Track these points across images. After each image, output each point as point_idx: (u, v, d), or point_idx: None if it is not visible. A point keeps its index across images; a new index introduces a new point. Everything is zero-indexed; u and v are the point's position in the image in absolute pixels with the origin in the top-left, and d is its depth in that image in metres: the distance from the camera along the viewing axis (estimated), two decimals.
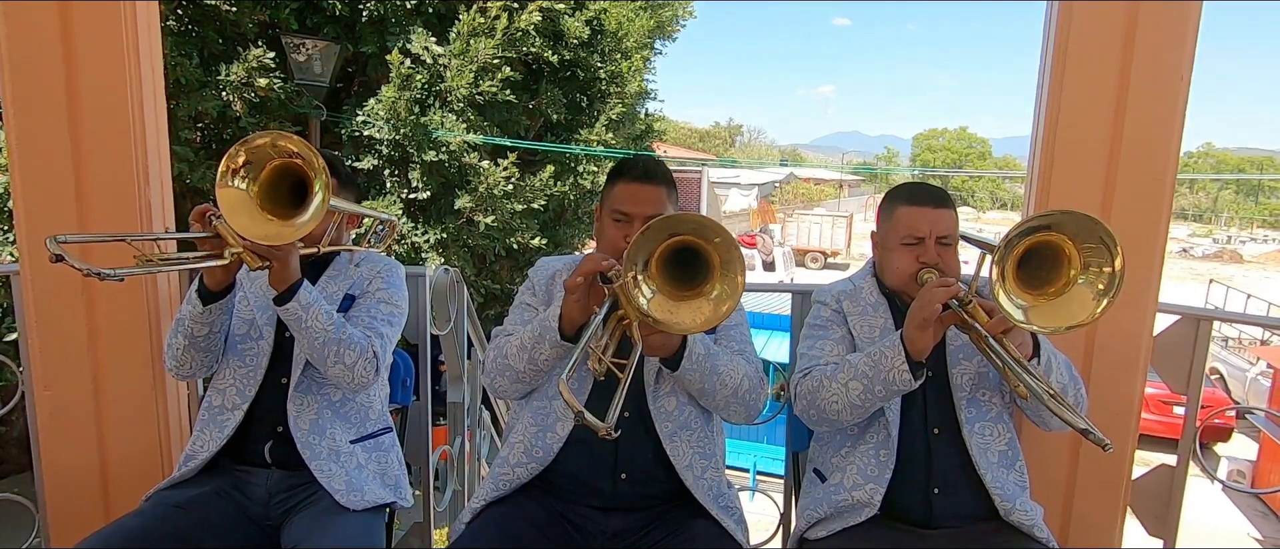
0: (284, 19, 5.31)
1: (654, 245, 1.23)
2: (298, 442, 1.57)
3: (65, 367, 1.77)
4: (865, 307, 1.59)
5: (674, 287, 1.25)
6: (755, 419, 1.57)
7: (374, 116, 5.60)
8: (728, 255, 1.22)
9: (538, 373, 1.44)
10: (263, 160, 1.35)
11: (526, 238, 6.21)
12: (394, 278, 1.76)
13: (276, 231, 1.36)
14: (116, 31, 1.70)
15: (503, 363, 1.46)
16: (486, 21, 5.58)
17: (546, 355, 1.40)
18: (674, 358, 1.38)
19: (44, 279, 1.72)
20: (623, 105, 6.89)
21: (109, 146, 1.72)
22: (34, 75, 1.67)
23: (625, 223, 1.52)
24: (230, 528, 1.54)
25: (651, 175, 1.55)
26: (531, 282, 1.65)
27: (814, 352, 1.58)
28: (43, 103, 1.68)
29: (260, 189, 1.37)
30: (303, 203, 1.38)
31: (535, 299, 1.62)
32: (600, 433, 1.09)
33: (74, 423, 1.79)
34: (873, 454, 1.50)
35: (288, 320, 1.50)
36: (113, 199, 1.74)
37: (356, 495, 1.56)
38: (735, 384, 1.46)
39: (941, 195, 1.56)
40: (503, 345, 1.47)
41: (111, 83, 1.71)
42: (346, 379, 1.55)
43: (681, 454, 1.50)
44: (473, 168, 5.72)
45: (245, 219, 1.35)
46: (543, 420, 1.51)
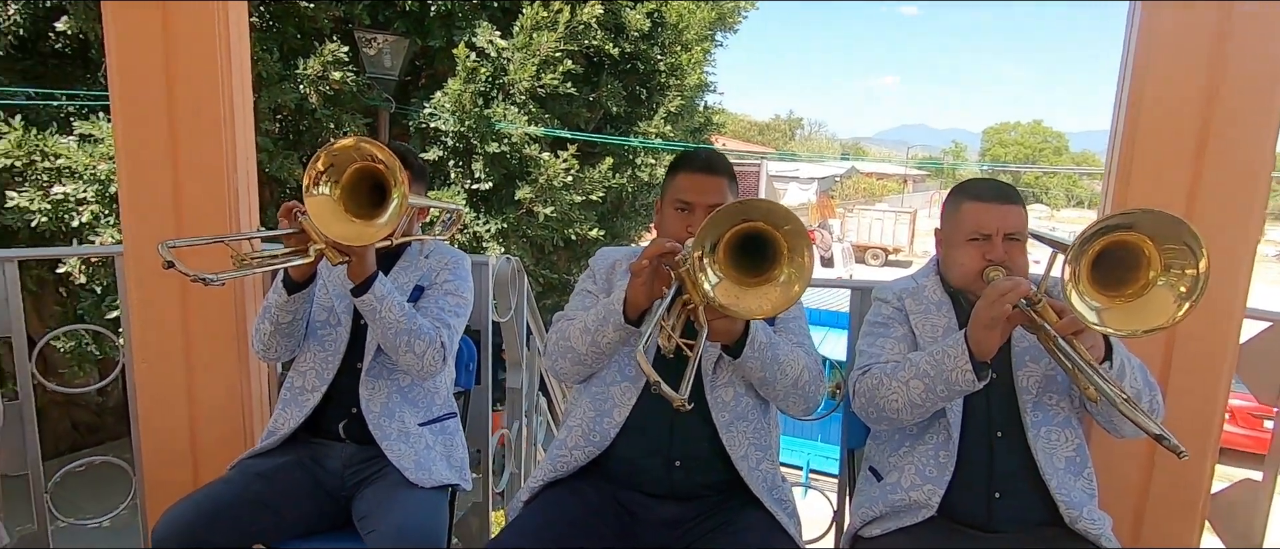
0: (358, 14, 5.52)
1: (722, 231, 1.24)
2: (370, 423, 1.66)
3: (161, 343, 1.90)
4: (927, 305, 1.56)
5: (740, 272, 1.27)
6: (814, 412, 1.57)
7: (440, 109, 5.77)
8: (796, 242, 1.23)
9: (599, 356, 1.48)
10: (344, 163, 1.44)
11: (584, 229, 6.29)
12: (461, 269, 1.83)
13: (357, 232, 1.45)
14: (210, 31, 1.82)
15: (565, 345, 1.50)
16: (549, 15, 5.66)
17: (609, 338, 1.43)
18: (736, 345, 1.40)
19: (144, 262, 1.86)
20: (682, 98, 6.88)
21: (203, 139, 1.84)
22: (138, 72, 1.80)
23: (687, 212, 1.54)
24: (307, 496, 1.64)
25: (713, 166, 1.57)
26: (592, 270, 1.69)
27: (873, 349, 1.56)
28: (145, 98, 1.81)
29: (342, 191, 1.45)
30: (381, 204, 1.46)
31: (595, 286, 1.66)
32: (675, 404, 1.12)
33: (168, 395, 1.93)
34: (932, 455, 1.48)
35: (363, 311, 1.59)
36: (205, 187, 1.87)
37: (425, 474, 1.63)
38: (795, 374, 1.47)
39: (1009, 191, 1.52)
40: (565, 329, 1.52)
41: (206, 79, 1.83)
42: (416, 368, 1.63)
43: (737, 445, 1.51)
44: (533, 159, 5.83)
45: (329, 220, 1.44)
46: (600, 405, 1.55)
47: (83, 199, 4.62)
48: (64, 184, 4.59)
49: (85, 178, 4.57)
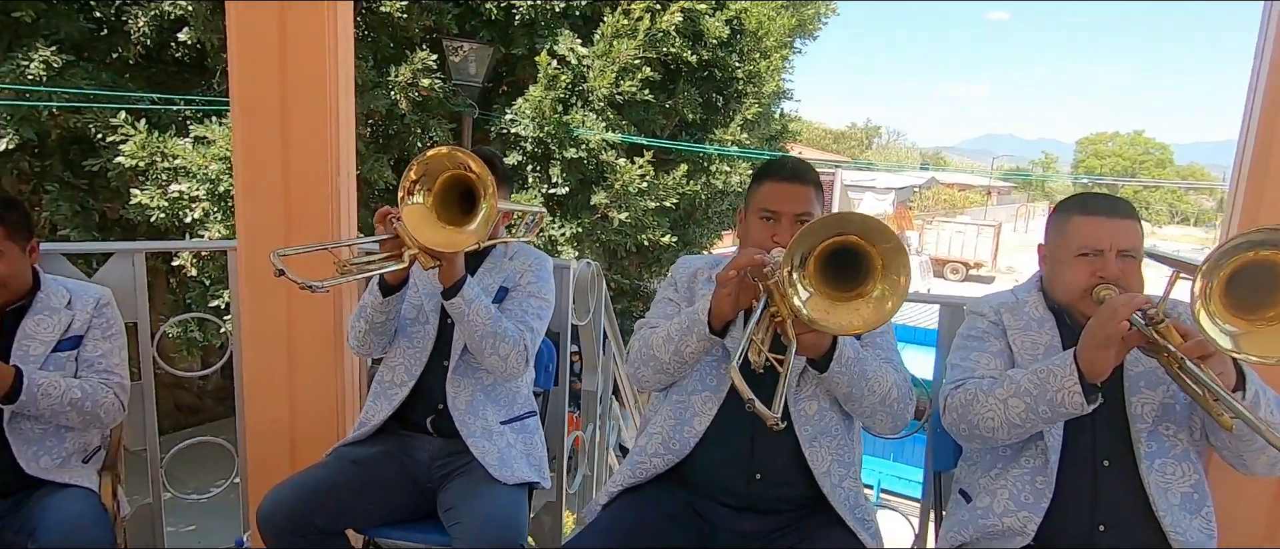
0: (446, 23, 5.74)
1: (813, 244, 1.22)
2: (455, 419, 1.72)
3: (267, 335, 2.02)
4: (1028, 322, 1.49)
5: (831, 286, 1.24)
6: (902, 430, 1.52)
7: (521, 115, 5.92)
8: (893, 259, 1.19)
9: (682, 365, 1.48)
10: (437, 171, 1.50)
11: (657, 235, 6.32)
12: (543, 272, 1.88)
13: (448, 239, 1.50)
14: (321, 33, 1.92)
15: (647, 353, 1.50)
16: (630, 23, 5.72)
17: (693, 348, 1.43)
18: (822, 359, 1.37)
19: (255, 257, 1.98)
20: (759, 105, 6.82)
21: (311, 139, 1.95)
22: (256, 71, 1.90)
23: (772, 222, 1.52)
24: (396, 486, 1.72)
25: (800, 175, 1.55)
26: (673, 279, 1.69)
27: (967, 363, 1.50)
28: (261, 97, 1.91)
29: (434, 199, 1.51)
30: (471, 210, 1.52)
31: (677, 295, 1.66)
32: (769, 423, 1.11)
33: (271, 383, 2.05)
34: (1027, 480, 1.40)
35: (452, 313, 1.65)
36: (311, 186, 1.98)
37: (507, 471, 1.67)
38: (884, 391, 1.43)
39: (1124, 205, 1.43)
40: (648, 337, 1.52)
41: (315, 79, 1.93)
42: (500, 369, 1.68)
43: (820, 460, 1.48)
44: (609, 165, 5.90)
45: (422, 226, 1.50)
46: (681, 414, 1.55)
47: (196, 197, 4.98)
48: (180, 183, 4.96)
49: (198, 177, 4.93)
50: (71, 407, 1.67)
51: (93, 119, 5.01)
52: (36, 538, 1.54)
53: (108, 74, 5.19)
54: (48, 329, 1.73)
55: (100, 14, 5.19)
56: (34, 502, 1.66)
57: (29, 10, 4.72)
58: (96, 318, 1.81)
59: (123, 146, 4.87)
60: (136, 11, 4.97)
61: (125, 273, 2.09)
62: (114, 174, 5.22)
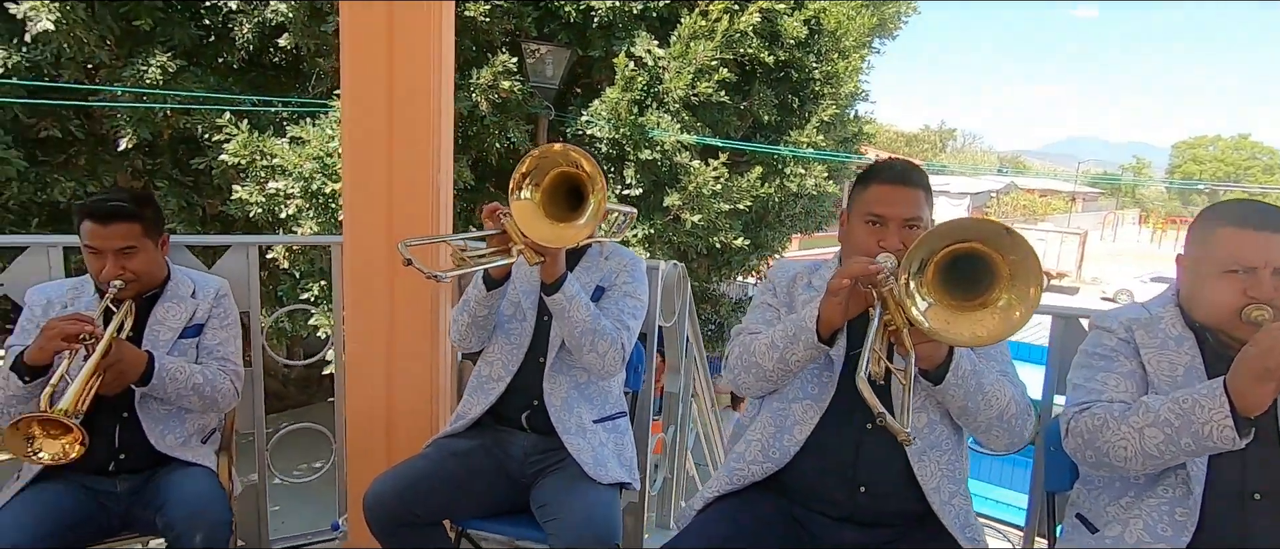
0: (526, 27, 5.85)
1: (933, 250, 1.17)
2: (552, 415, 1.74)
3: (370, 328, 2.09)
4: (1165, 340, 1.38)
5: (951, 295, 1.19)
6: (1018, 448, 1.44)
7: (597, 116, 5.98)
8: (1022, 269, 1.13)
9: (786, 373, 1.44)
10: (547, 167, 1.52)
11: (730, 238, 6.26)
12: (638, 272, 1.88)
13: (556, 234, 1.52)
14: (427, 31, 1.96)
15: (749, 360, 1.48)
16: (707, 24, 5.70)
17: (800, 357, 1.39)
18: (937, 370, 1.31)
19: (361, 253, 2.05)
20: (836, 107, 6.66)
21: (415, 136, 2.00)
22: (365, 69, 1.95)
23: (879, 226, 1.47)
24: (492, 480, 1.75)
25: (908, 178, 1.49)
26: (771, 283, 1.66)
27: (1093, 384, 1.41)
28: (370, 94, 1.96)
29: (542, 195, 1.53)
30: (577, 207, 1.53)
31: (775, 300, 1.62)
32: (901, 438, 1.07)
33: (371, 375, 2.12)
34: (1166, 511, 1.30)
35: (553, 309, 1.67)
36: (413, 184, 2.03)
37: (602, 470, 1.68)
38: (1001, 406, 1.36)
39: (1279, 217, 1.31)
40: (749, 343, 1.49)
41: (420, 77, 1.98)
42: (597, 366, 1.69)
43: (930, 475, 1.42)
44: (684, 167, 5.89)
45: (531, 221, 1.52)
46: (781, 421, 1.51)
47: (290, 194, 5.24)
48: (277, 180, 5.23)
49: (293, 175, 5.19)
50: (193, 391, 1.77)
51: (200, 120, 5.34)
52: (165, 513, 1.65)
53: (214, 77, 5.53)
54: (175, 317, 1.84)
55: (209, 21, 5.53)
56: (160, 478, 1.76)
57: (147, 19, 5.07)
58: (216, 307, 1.91)
59: (226, 146, 5.17)
60: (241, 19, 5.27)
61: (240, 265, 2.21)
62: (217, 172, 5.56)
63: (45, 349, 1.54)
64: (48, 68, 5.10)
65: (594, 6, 5.73)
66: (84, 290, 1.80)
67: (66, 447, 1.46)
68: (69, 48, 4.88)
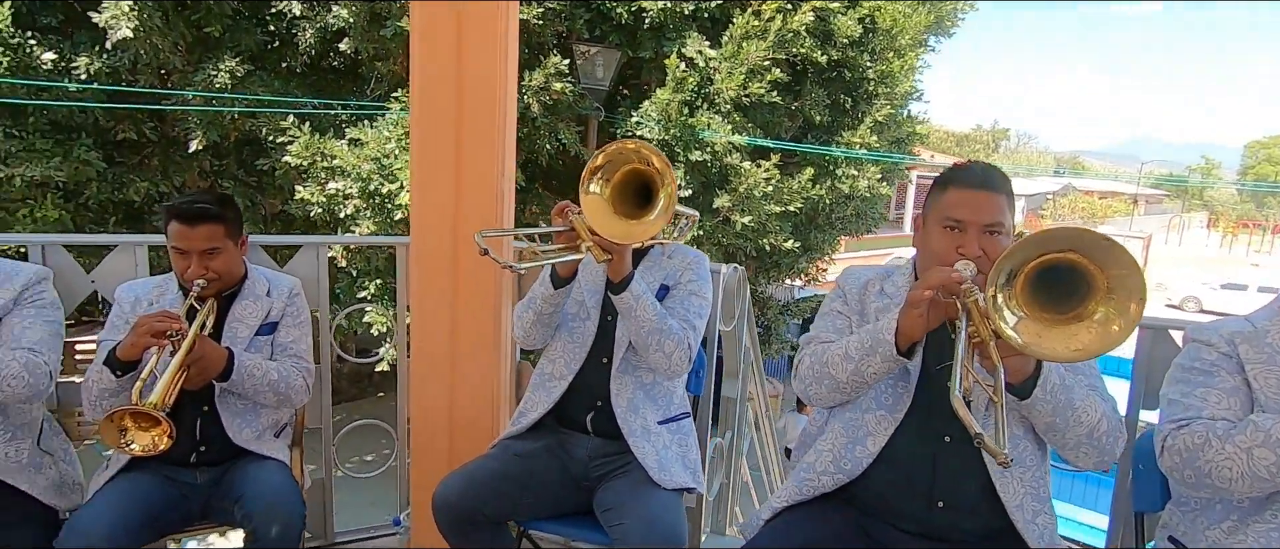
0: (577, 29, 5.89)
1: (1024, 260, 1.12)
2: (618, 417, 1.74)
3: (433, 327, 2.13)
4: (1271, 354, 1.30)
5: (1042, 308, 1.14)
6: (1108, 466, 1.38)
7: (646, 117, 5.97)
8: (1121, 283, 1.07)
9: (861, 385, 1.41)
10: (619, 163, 1.51)
11: (779, 239, 6.19)
12: (703, 271, 1.86)
13: (626, 231, 1.52)
14: (494, 32, 1.98)
15: (821, 370, 1.44)
16: (760, 24, 5.64)
17: (876, 369, 1.36)
18: (1024, 385, 1.26)
19: (427, 253, 2.08)
20: (891, 107, 6.52)
21: (481, 137, 2.02)
22: (435, 70, 1.97)
23: (957, 232, 1.42)
24: (556, 481, 1.75)
25: (990, 182, 1.43)
26: (841, 291, 1.62)
27: (1191, 399, 1.33)
28: (439, 95, 1.98)
29: (613, 191, 1.53)
30: (647, 205, 1.52)
31: (846, 308, 1.58)
32: (1000, 460, 1.03)
33: (435, 373, 2.15)
34: (1278, 538, 1.22)
35: (620, 308, 1.66)
36: (479, 188, 2.05)
37: (667, 475, 1.67)
38: (1092, 423, 1.30)
39: None
40: (821, 353, 1.46)
41: (488, 78, 1.99)
42: (664, 367, 1.68)
43: (1012, 492, 1.36)
44: (734, 168, 5.84)
45: (600, 217, 1.52)
46: (853, 432, 1.48)
47: (349, 194, 5.38)
48: (336, 181, 5.38)
49: (352, 176, 5.33)
50: (269, 387, 1.82)
51: (265, 122, 5.53)
52: (243, 505, 1.70)
53: (278, 81, 5.72)
54: (252, 315, 1.90)
55: (274, 27, 5.73)
56: (237, 470, 1.82)
57: (217, 25, 5.28)
58: (289, 306, 1.97)
59: (290, 147, 5.34)
60: (304, 24, 5.44)
61: (311, 264, 2.27)
62: (280, 172, 5.75)
63: (136, 345, 1.60)
64: (125, 73, 5.35)
65: (645, 8, 5.73)
66: (168, 288, 1.87)
67: (156, 439, 1.52)
68: (145, 54, 5.11)
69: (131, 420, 1.52)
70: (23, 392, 1.57)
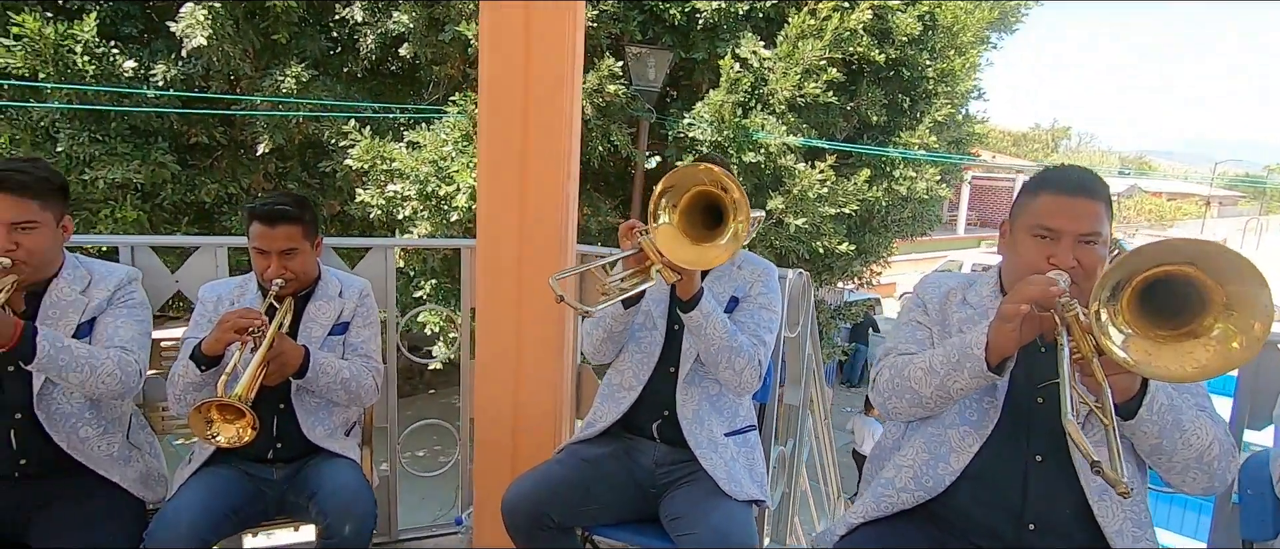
0: (630, 31, 5.88)
1: (1131, 274, 1.05)
2: (684, 428, 1.72)
3: (498, 327, 2.14)
4: None
5: (1152, 325, 1.07)
6: (1218, 491, 1.29)
7: (699, 119, 5.93)
8: (1242, 299, 1.00)
9: (946, 400, 1.35)
10: (685, 185, 1.48)
11: (834, 242, 6.06)
12: (772, 282, 1.82)
13: (696, 256, 1.49)
14: (561, 31, 1.97)
15: (902, 385, 1.39)
16: (816, 23, 5.54)
17: (964, 384, 1.30)
18: (1128, 404, 1.19)
19: (493, 257, 2.09)
20: (951, 106, 6.32)
21: (549, 144, 2.02)
22: (503, 71, 1.97)
23: (1050, 241, 1.34)
24: (622, 487, 1.74)
25: (1088, 188, 1.35)
26: (919, 299, 1.56)
27: None
28: (507, 97, 1.98)
29: (681, 216, 1.51)
30: (716, 226, 1.49)
31: (927, 318, 1.52)
32: (1119, 490, 0.97)
33: (500, 375, 2.16)
34: None
35: (690, 326, 1.64)
36: (545, 192, 2.05)
37: (736, 486, 1.64)
38: (1202, 446, 1.21)
39: None
40: (902, 367, 1.40)
41: (556, 83, 1.98)
42: (734, 384, 1.65)
43: (1111, 516, 1.29)
44: (788, 170, 5.75)
45: (670, 243, 1.50)
46: (935, 448, 1.42)
47: (407, 196, 5.50)
48: (395, 183, 5.50)
49: (410, 178, 5.44)
50: (341, 385, 1.85)
51: (328, 126, 5.70)
52: (317, 502, 1.73)
53: (340, 86, 5.88)
54: (325, 315, 1.94)
55: (336, 34, 5.90)
56: (311, 467, 1.86)
57: (284, 32, 5.46)
58: (360, 307, 2.00)
59: (351, 150, 5.48)
60: (366, 30, 5.58)
61: (379, 266, 2.31)
62: (341, 175, 5.91)
63: (220, 340, 1.65)
64: (198, 80, 5.58)
65: (699, 8, 5.69)
66: (248, 288, 1.92)
67: (241, 431, 1.56)
68: (217, 61, 5.32)
69: (217, 413, 1.56)
70: (116, 388, 1.63)
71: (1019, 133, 48.90)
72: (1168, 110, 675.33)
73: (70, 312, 1.67)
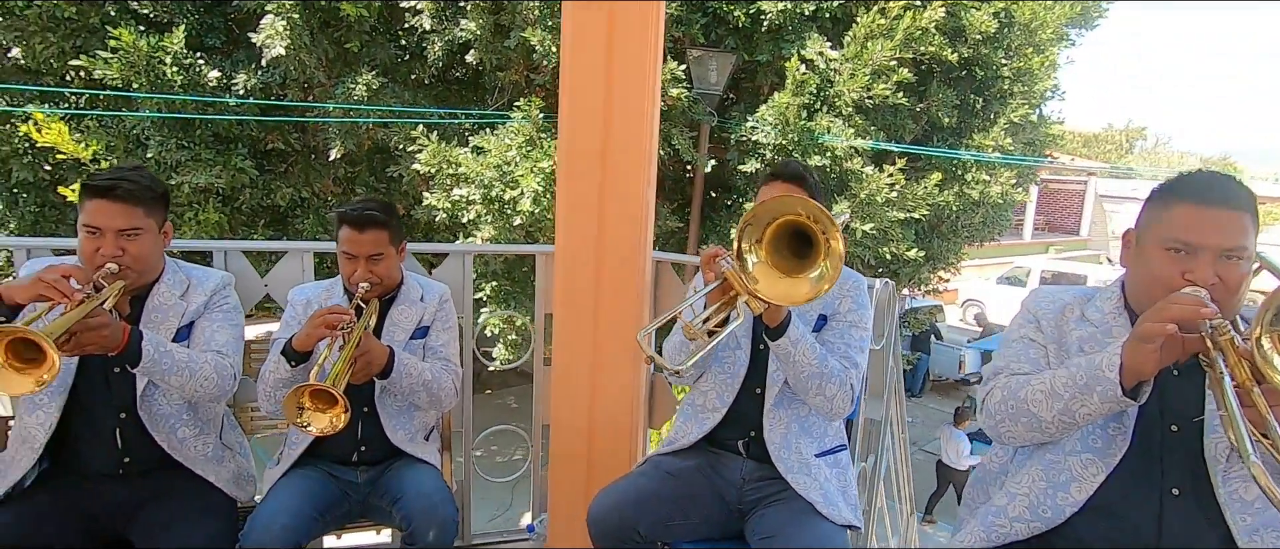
0: (693, 33, 5.83)
1: None
2: (772, 452, 1.66)
3: (575, 334, 2.12)
4: None
5: None
6: None
7: (762, 121, 5.83)
8: None
9: (1070, 426, 1.25)
10: (763, 218, 1.41)
11: (902, 248, 5.86)
12: (862, 297, 1.74)
13: (786, 292, 1.40)
14: (643, 33, 1.93)
15: (1019, 408, 1.29)
16: (887, 22, 5.37)
17: (1092, 409, 1.20)
18: None
19: (571, 263, 2.07)
20: (1028, 106, 6.04)
21: (629, 150, 1.99)
22: (584, 73, 1.95)
23: (1185, 256, 1.23)
24: (706, 502, 1.69)
25: (1232, 199, 1.23)
26: (1031, 314, 1.46)
27: None
28: (587, 100, 1.96)
29: (766, 250, 1.43)
30: (806, 252, 1.41)
31: (1041, 335, 1.42)
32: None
33: (575, 379, 2.14)
34: None
35: (778, 354, 1.57)
36: (623, 193, 2.02)
37: (833, 509, 1.57)
38: None
39: None
40: (1017, 388, 1.30)
41: (637, 86, 1.95)
42: (826, 410, 1.59)
43: None
44: (855, 173, 5.58)
45: (762, 282, 1.43)
46: (1054, 476, 1.32)
47: (471, 200, 5.57)
48: (460, 188, 5.59)
49: (475, 183, 5.51)
50: (423, 387, 1.86)
51: (396, 132, 5.83)
52: (400, 507, 1.74)
53: (408, 92, 6.01)
54: (407, 319, 1.95)
55: (405, 42, 6.03)
56: (393, 471, 1.87)
57: (356, 41, 5.61)
58: (440, 311, 2.01)
59: (419, 155, 5.59)
60: (434, 38, 5.69)
61: (457, 272, 2.32)
62: (407, 180, 6.03)
63: (311, 336, 1.67)
64: (276, 88, 5.79)
65: (764, 10, 5.59)
66: (335, 291, 1.95)
67: (333, 419, 1.57)
68: (294, 70, 5.50)
69: (310, 400, 1.58)
70: (213, 391, 1.67)
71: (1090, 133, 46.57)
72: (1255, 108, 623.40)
73: (170, 316, 1.72)
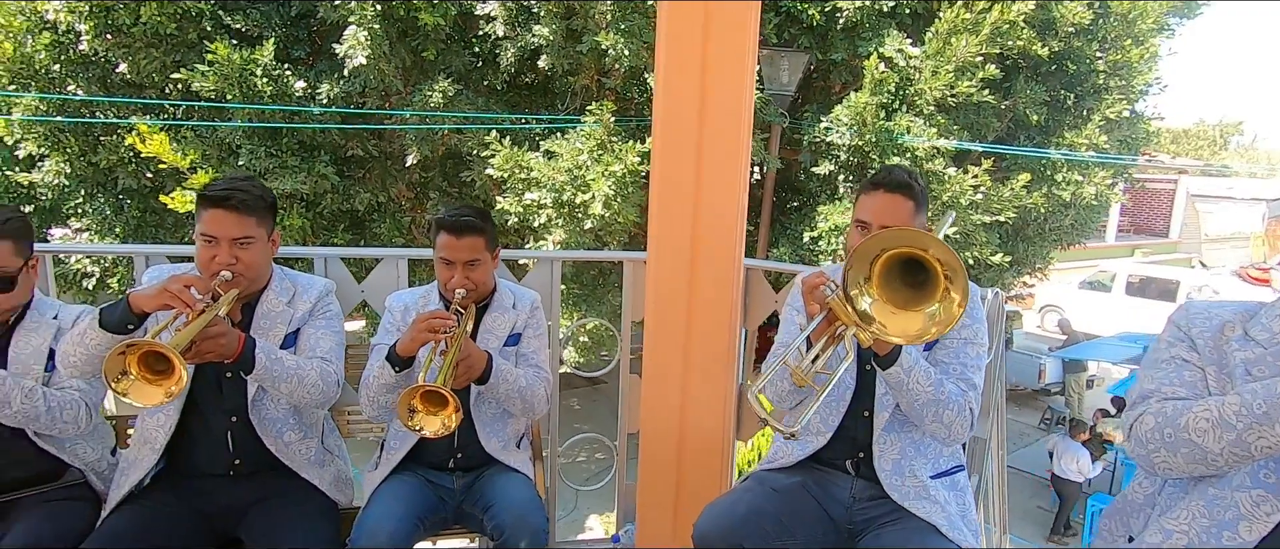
0: (766, 33, 5.72)
1: None
2: (882, 479, 1.57)
3: (667, 342, 2.07)
4: None
5: None
6: None
7: (837, 122, 5.67)
8: None
9: (1243, 459, 1.11)
10: (864, 257, 1.32)
11: (985, 253, 5.59)
12: (977, 311, 1.63)
13: (902, 328, 1.31)
14: (741, 34, 1.87)
15: (1176, 436, 1.16)
16: (972, 16, 5.13)
17: (1272, 442, 1.07)
18: None
19: (664, 270, 2.03)
20: (1126, 101, 5.67)
21: (723, 153, 1.93)
22: (679, 75, 1.90)
23: None
24: (813, 522, 1.61)
25: None
26: (1184, 334, 1.31)
27: None
28: (681, 103, 1.91)
29: (877, 286, 1.34)
30: (923, 280, 1.32)
31: (1196, 356, 1.28)
32: None
33: (666, 389, 2.09)
34: None
35: (890, 383, 1.49)
36: (719, 203, 1.97)
37: (958, 533, 1.47)
38: None
39: None
40: (1175, 415, 1.17)
41: (732, 88, 1.89)
42: (943, 436, 1.50)
43: None
44: (936, 174, 5.35)
45: (878, 318, 1.34)
46: (1218, 512, 1.18)
47: (542, 204, 5.61)
48: (532, 192, 5.64)
49: (546, 187, 5.55)
50: (518, 394, 1.84)
51: (469, 137, 5.93)
52: (493, 514, 1.72)
53: (481, 99, 6.11)
54: (501, 326, 1.94)
55: (479, 49, 6.14)
56: (486, 479, 1.87)
57: (432, 49, 5.74)
58: (531, 318, 2.00)
59: (492, 160, 5.68)
60: (507, 44, 5.77)
61: (545, 278, 2.31)
62: (480, 184, 6.13)
63: (415, 341, 1.68)
64: (356, 97, 5.98)
65: (840, 7, 5.43)
66: (431, 297, 1.96)
67: (446, 420, 1.57)
68: (373, 79, 5.67)
69: (421, 401, 1.58)
70: (318, 397, 1.70)
71: (1179, 129, 43.78)
72: None
73: (278, 323, 1.75)
